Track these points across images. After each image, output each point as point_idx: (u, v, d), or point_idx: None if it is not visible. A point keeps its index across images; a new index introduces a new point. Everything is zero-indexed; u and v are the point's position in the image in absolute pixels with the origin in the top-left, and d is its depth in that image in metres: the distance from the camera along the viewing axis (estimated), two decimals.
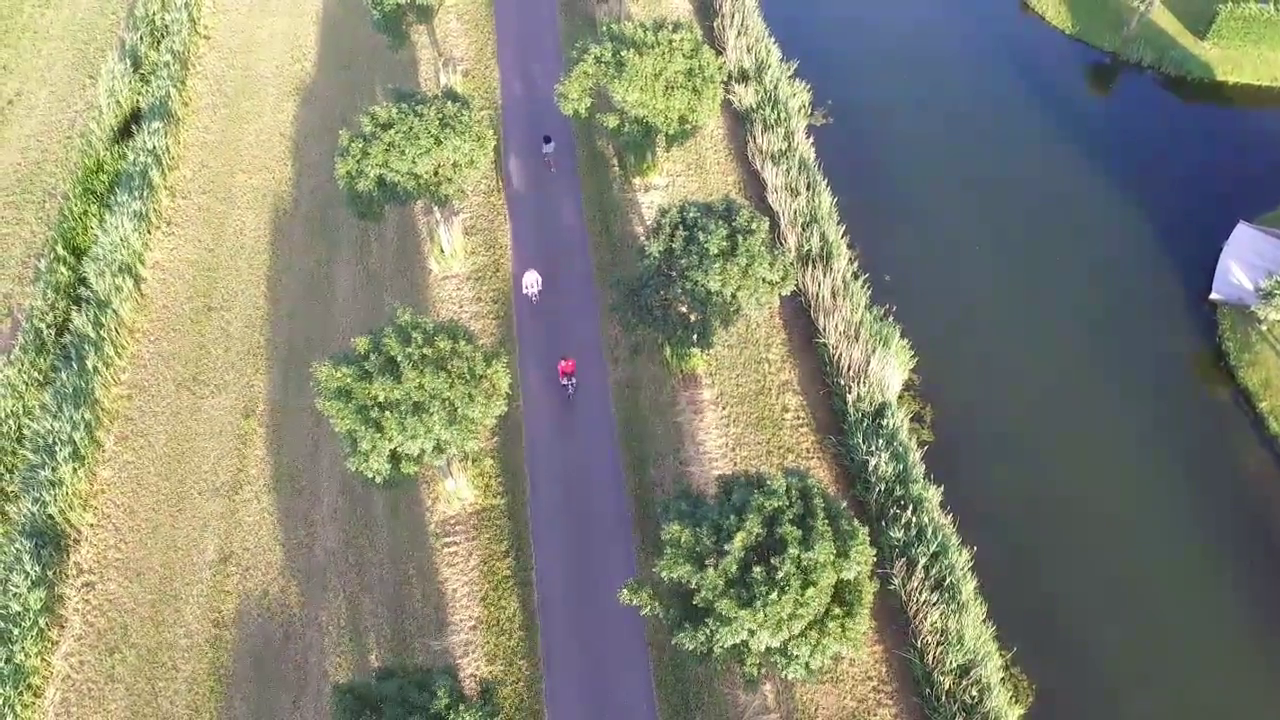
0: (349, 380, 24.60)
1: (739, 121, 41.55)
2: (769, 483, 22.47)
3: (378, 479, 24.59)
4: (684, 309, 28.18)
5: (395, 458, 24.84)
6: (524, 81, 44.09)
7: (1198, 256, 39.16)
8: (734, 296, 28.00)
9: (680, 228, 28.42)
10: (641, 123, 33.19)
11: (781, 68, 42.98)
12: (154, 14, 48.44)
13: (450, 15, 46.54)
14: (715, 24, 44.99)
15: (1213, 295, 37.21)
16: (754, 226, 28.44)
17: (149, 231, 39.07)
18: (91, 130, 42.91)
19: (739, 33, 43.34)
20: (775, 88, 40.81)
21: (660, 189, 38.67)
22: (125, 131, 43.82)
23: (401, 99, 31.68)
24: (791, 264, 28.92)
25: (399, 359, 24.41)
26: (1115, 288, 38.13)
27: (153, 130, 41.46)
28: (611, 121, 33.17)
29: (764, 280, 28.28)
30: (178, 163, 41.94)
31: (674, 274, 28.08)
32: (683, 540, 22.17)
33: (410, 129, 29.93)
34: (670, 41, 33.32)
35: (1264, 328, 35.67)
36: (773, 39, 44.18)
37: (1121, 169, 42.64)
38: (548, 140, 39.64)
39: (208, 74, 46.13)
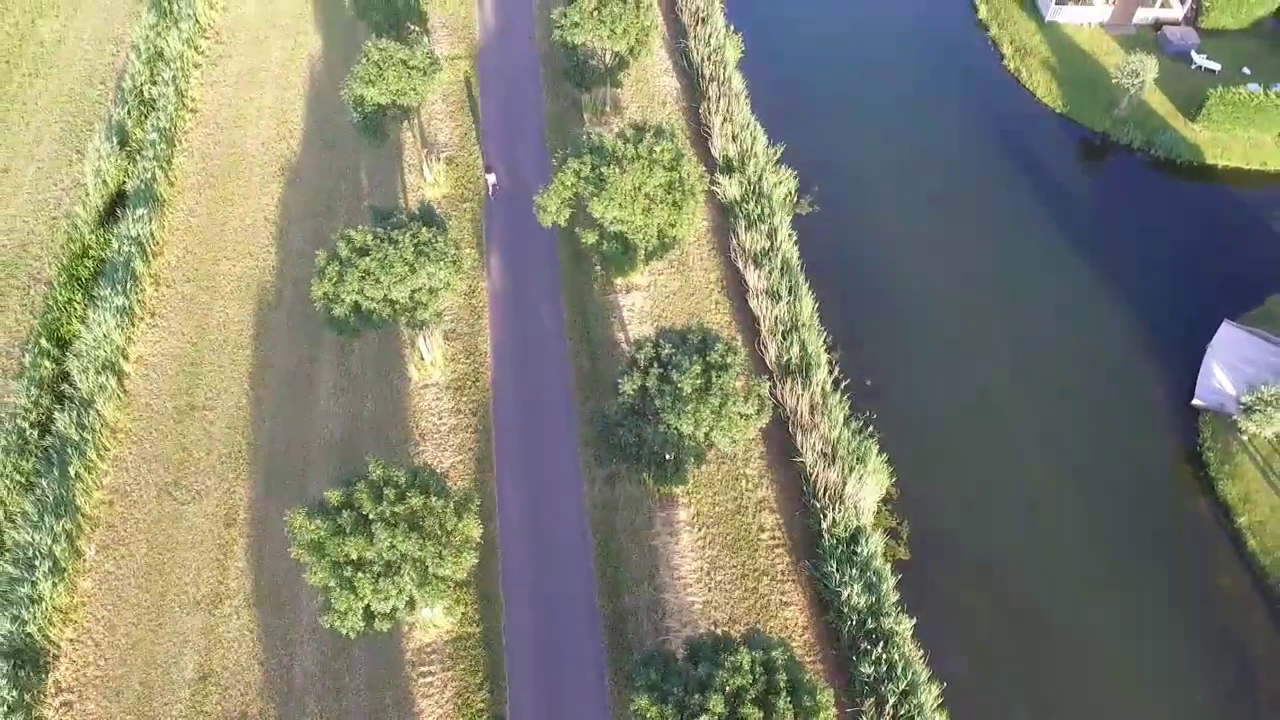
0: (322, 535, 24.75)
1: (723, 213, 41.50)
2: (734, 657, 22.61)
3: (352, 634, 24.77)
4: (658, 448, 28.25)
5: (369, 613, 24.99)
6: (509, 167, 44.00)
7: (1182, 353, 39.15)
8: (707, 436, 28.09)
9: (655, 364, 28.46)
10: (620, 238, 33.16)
11: (767, 154, 42.90)
12: (142, 85, 48.38)
13: (435, 97, 46.41)
14: (702, 108, 44.86)
15: (1195, 401, 37.21)
16: (729, 361, 28.47)
17: (133, 324, 39.13)
18: (77, 213, 42.94)
19: (725, 119, 43.18)
20: (760, 178, 40.73)
21: (642, 289, 38.69)
22: (111, 211, 43.91)
23: (379, 220, 31.68)
24: (767, 396, 28.96)
25: (371, 517, 24.54)
26: (1098, 387, 38.14)
27: (137, 217, 41.47)
28: (590, 238, 33.15)
29: (739, 414, 28.33)
30: (162, 248, 41.98)
31: (648, 413, 28.16)
32: (650, 717, 22.34)
33: (385, 257, 29.94)
34: (651, 152, 33.21)
35: (1245, 438, 35.69)
36: (759, 123, 44.03)
37: (1109, 259, 42.55)
38: (489, 170, 42.59)
39: (194, 151, 46.09)
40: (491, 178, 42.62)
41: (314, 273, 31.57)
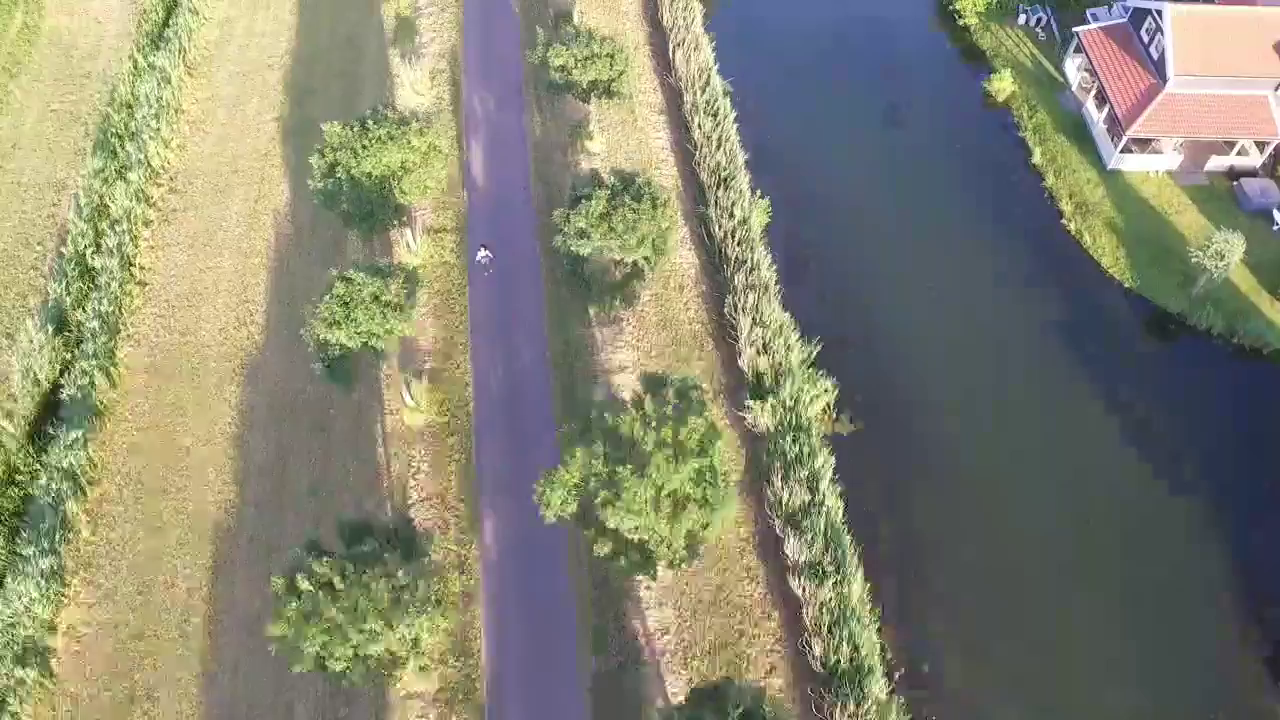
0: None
1: (753, 443, 35.71)
2: None
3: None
4: None
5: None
6: (507, 383, 37.81)
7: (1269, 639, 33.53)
8: None
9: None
10: (640, 547, 27.58)
11: (801, 362, 36.93)
12: (84, 250, 42.22)
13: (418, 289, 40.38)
14: (727, 304, 38.73)
15: None
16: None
17: (63, 584, 33.30)
18: (3, 427, 37.01)
19: (754, 321, 37.25)
20: (796, 404, 35.00)
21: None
22: (43, 417, 37.94)
23: (349, 541, 25.95)
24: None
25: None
26: (1179, 641, 32.75)
27: (71, 442, 35.49)
28: (604, 549, 27.51)
29: None
30: (100, 476, 36.05)
31: None
32: None
33: (355, 605, 24.24)
34: (676, 434, 27.44)
35: None
36: (793, 324, 37.87)
37: (1190, 477, 36.87)
38: (484, 247, 40.53)
39: (142, 339, 39.99)
40: (485, 253, 40.26)
41: (272, 601, 25.88)
